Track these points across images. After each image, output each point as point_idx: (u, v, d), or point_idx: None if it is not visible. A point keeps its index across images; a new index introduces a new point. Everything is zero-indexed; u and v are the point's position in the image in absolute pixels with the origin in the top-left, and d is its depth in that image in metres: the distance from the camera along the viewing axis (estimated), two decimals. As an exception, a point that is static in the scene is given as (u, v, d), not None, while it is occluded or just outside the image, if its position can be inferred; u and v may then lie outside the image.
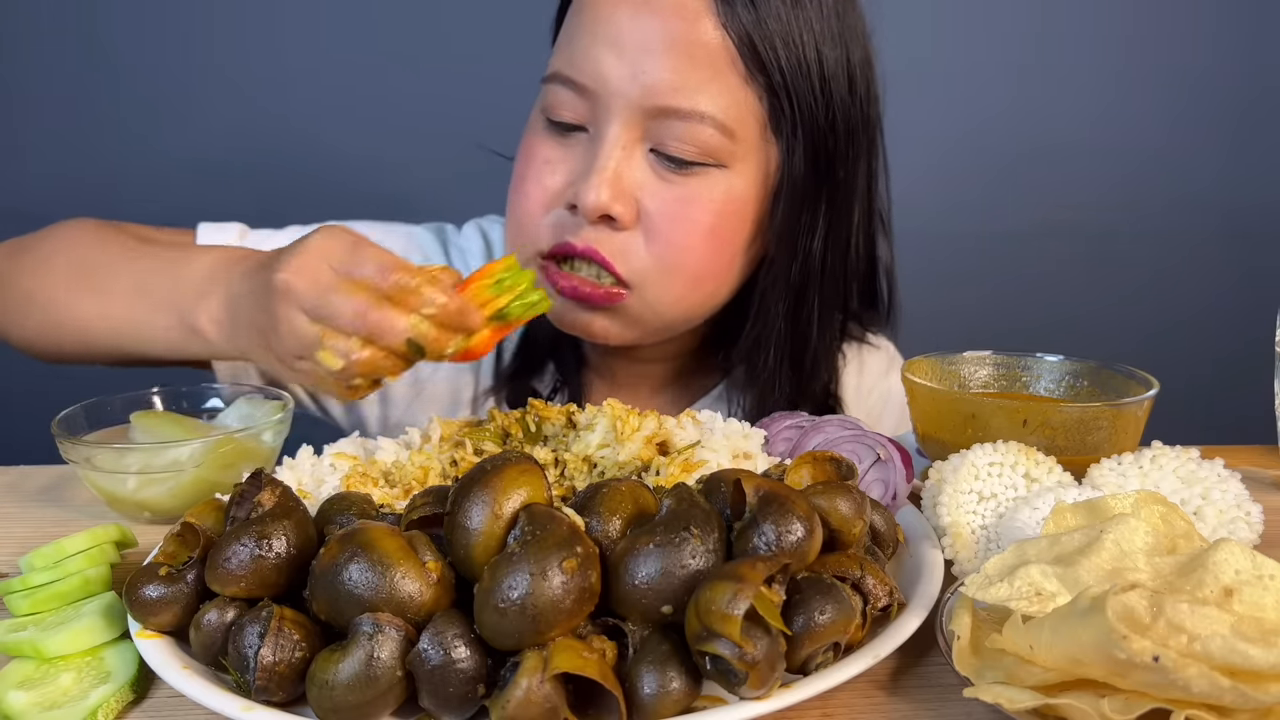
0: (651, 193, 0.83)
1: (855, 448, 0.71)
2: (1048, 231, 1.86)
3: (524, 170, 0.87)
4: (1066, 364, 0.82)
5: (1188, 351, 1.84)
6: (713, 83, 0.81)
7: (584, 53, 0.82)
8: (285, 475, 0.69)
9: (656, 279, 0.85)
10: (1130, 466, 0.66)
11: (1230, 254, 1.90)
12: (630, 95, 0.81)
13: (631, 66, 0.80)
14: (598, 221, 0.83)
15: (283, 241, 0.98)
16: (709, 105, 0.81)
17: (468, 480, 0.49)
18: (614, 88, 0.81)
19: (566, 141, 0.86)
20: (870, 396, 1.07)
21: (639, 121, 0.82)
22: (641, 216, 0.84)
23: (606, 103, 0.82)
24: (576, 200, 0.82)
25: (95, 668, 0.53)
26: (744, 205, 0.86)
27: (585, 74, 0.82)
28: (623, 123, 0.82)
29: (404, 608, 0.46)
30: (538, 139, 0.87)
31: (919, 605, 0.54)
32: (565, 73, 0.84)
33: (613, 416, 0.69)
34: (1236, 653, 0.41)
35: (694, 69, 0.81)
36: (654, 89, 0.80)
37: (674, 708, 0.45)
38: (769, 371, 0.93)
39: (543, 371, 1.01)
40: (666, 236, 0.84)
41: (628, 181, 0.82)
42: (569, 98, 0.84)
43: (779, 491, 0.50)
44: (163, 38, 1.61)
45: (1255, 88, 1.84)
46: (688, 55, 0.80)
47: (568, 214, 0.84)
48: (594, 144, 0.83)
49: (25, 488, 0.82)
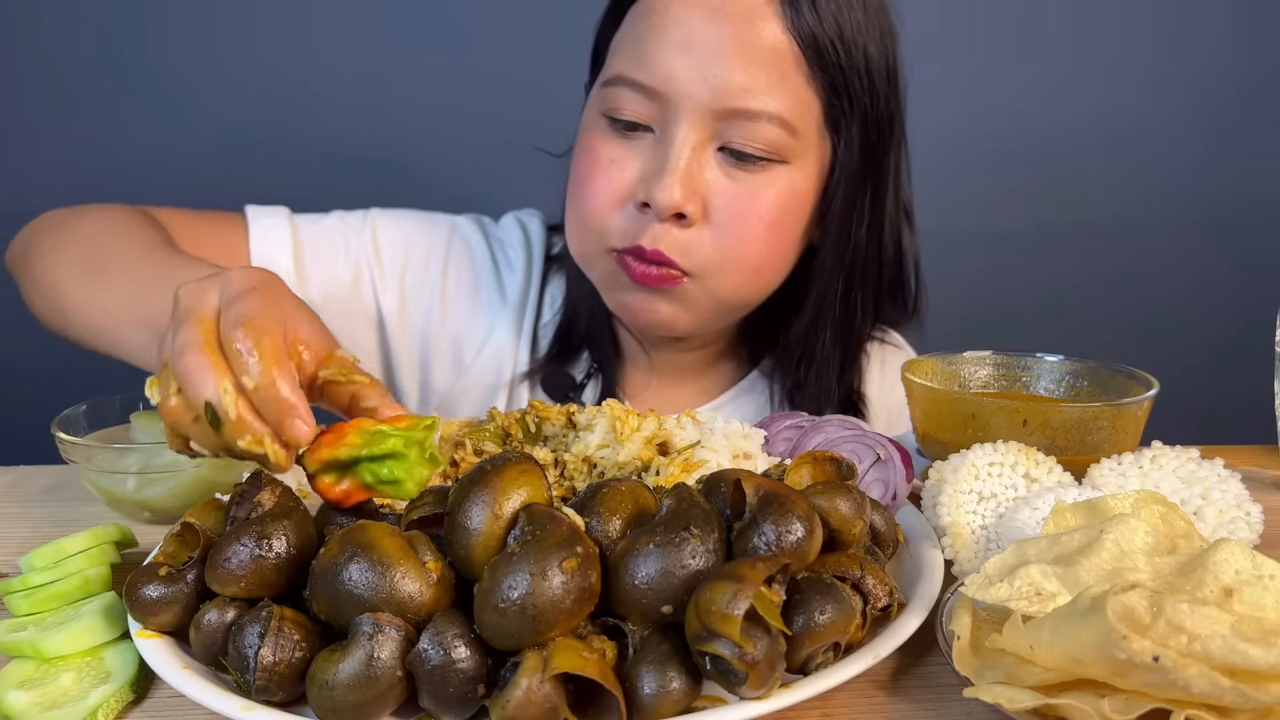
0: (719, 190, 0.87)
1: (855, 448, 0.71)
2: (1048, 231, 1.86)
3: (589, 168, 0.90)
4: (1066, 364, 0.82)
5: (1189, 352, 1.84)
6: (779, 84, 0.85)
7: (654, 56, 0.85)
8: (285, 475, 0.69)
9: (718, 270, 0.89)
10: (1130, 466, 0.66)
11: (1231, 254, 1.90)
12: (701, 97, 0.84)
13: (702, 70, 0.84)
14: (668, 219, 0.86)
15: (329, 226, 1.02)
16: (775, 105, 0.85)
17: (468, 480, 0.49)
18: (685, 90, 0.84)
19: (631, 141, 0.89)
20: (893, 395, 1.08)
21: (708, 122, 0.85)
22: (708, 212, 0.87)
23: (676, 104, 0.85)
24: (650, 199, 0.85)
25: (95, 668, 0.53)
26: (803, 199, 0.91)
27: (656, 77, 0.85)
28: (692, 123, 0.85)
29: (404, 608, 0.46)
30: (601, 138, 0.90)
31: (919, 605, 0.54)
32: (633, 75, 0.86)
33: (612, 417, 0.69)
34: (1236, 653, 0.41)
35: (761, 71, 0.84)
36: (724, 91, 0.84)
37: (674, 708, 0.45)
38: (823, 355, 0.99)
39: (578, 358, 1.05)
40: (732, 231, 0.88)
41: (697, 180, 0.86)
42: (635, 99, 0.86)
43: (779, 491, 0.50)
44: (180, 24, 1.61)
45: (1259, 87, 1.83)
46: (756, 58, 0.84)
47: (636, 211, 0.88)
48: (662, 144, 0.86)
49: (25, 488, 0.82)
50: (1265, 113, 1.85)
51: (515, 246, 1.08)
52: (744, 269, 0.90)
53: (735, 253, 0.89)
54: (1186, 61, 1.80)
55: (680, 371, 1.06)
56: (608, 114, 0.89)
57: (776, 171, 0.88)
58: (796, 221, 0.92)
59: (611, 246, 0.90)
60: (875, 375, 1.08)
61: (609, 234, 0.89)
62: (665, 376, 1.06)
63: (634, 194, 0.87)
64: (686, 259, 0.88)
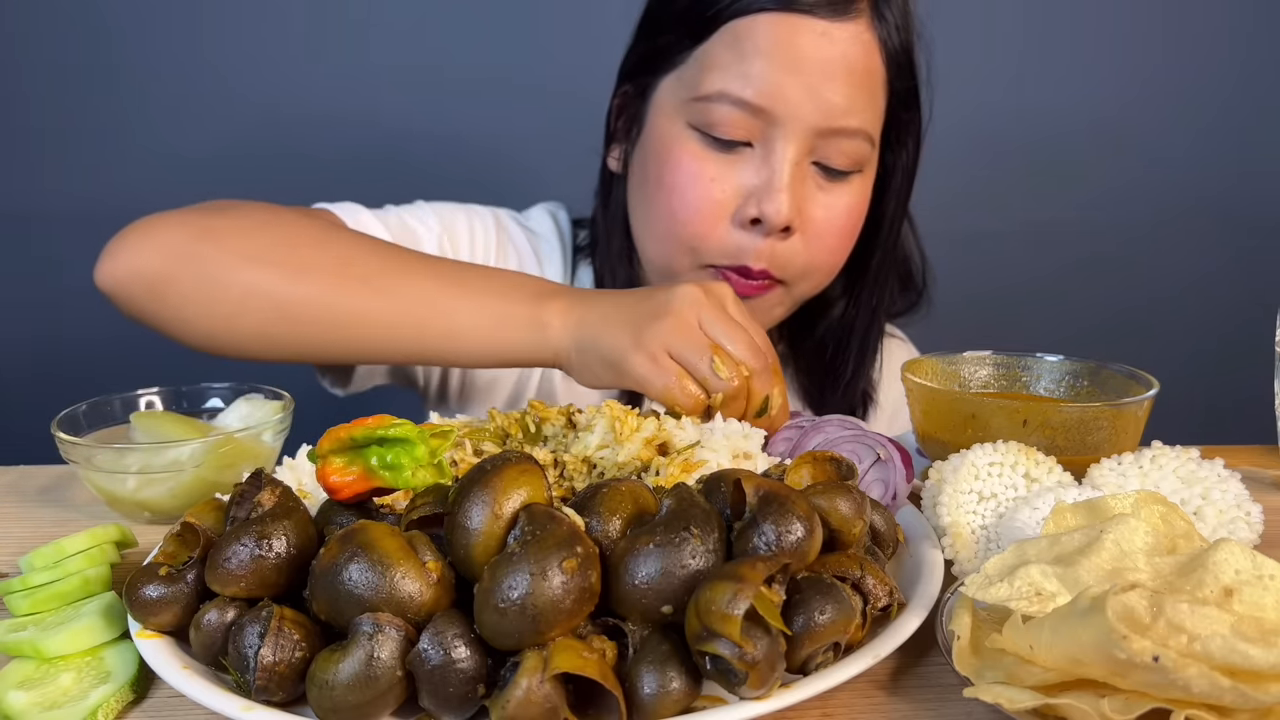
0: (813, 202, 0.92)
1: (855, 448, 0.71)
2: (1048, 231, 1.86)
3: (684, 184, 0.92)
4: (1066, 364, 0.82)
5: (1189, 352, 1.84)
6: (871, 103, 0.91)
7: (762, 77, 0.88)
8: (285, 475, 0.69)
9: (804, 276, 0.96)
10: (1130, 466, 0.66)
11: (1231, 254, 1.90)
12: (807, 117, 0.88)
13: (811, 92, 0.87)
14: (775, 234, 0.90)
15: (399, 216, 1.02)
16: (866, 122, 0.91)
17: (468, 480, 0.49)
18: (793, 111, 0.88)
19: (729, 156, 0.91)
20: (895, 385, 1.11)
21: (809, 139, 0.89)
22: (804, 223, 0.92)
23: (783, 123, 0.88)
24: (762, 214, 0.89)
25: (95, 668, 0.53)
26: (867, 203, 0.98)
27: (764, 95, 0.88)
28: (797, 141, 0.89)
29: (404, 608, 0.46)
30: (695, 152, 0.92)
31: (919, 605, 0.54)
32: (736, 93, 0.88)
33: (611, 417, 0.69)
34: (1236, 653, 0.41)
35: (860, 92, 0.90)
36: (830, 112, 0.88)
37: (674, 708, 0.45)
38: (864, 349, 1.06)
39: None
40: (823, 240, 0.94)
41: (799, 194, 0.90)
42: (737, 116, 0.89)
43: (779, 491, 0.50)
44: (170, 30, 1.61)
45: (1259, 87, 1.83)
46: (858, 81, 0.89)
47: (738, 228, 0.91)
48: (768, 160, 0.90)
49: (25, 488, 0.82)
50: (1266, 109, 1.85)
51: (550, 240, 1.11)
52: (825, 273, 0.97)
53: (821, 259, 0.95)
54: (1186, 57, 1.80)
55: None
56: (702, 128, 0.91)
57: (855, 181, 0.94)
58: (861, 223, 0.98)
59: (708, 263, 0.93)
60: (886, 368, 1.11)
61: (707, 251, 0.92)
62: None
63: (740, 209, 0.91)
64: (783, 270, 0.93)
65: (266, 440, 0.76)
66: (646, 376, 0.75)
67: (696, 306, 0.76)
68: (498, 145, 1.59)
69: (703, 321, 0.76)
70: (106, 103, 1.62)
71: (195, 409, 0.83)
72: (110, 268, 0.82)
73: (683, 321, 0.75)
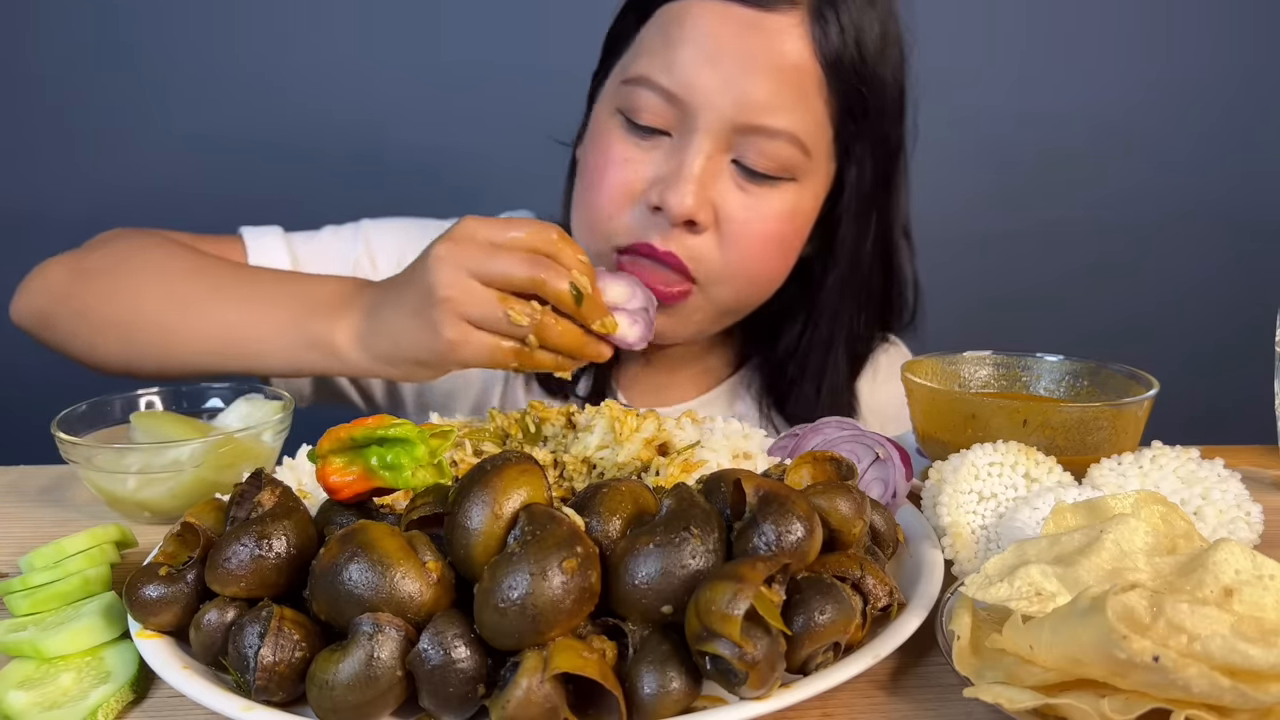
0: (730, 201, 0.87)
1: (854, 448, 0.71)
2: (1048, 232, 1.86)
3: (602, 166, 0.90)
4: (1066, 364, 0.82)
5: (1188, 352, 1.84)
6: (799, 104, 0.86)
7: (682, 64, 0.85)
8: (285, 475, 0.69)
9: (721, 280, 0.90)
10: (1130, 466, 0.66)
11: (1231, 254, 1.90)
12: (723, 110, 0.84)
13: (728, 84, 0.84)
14: (680, 225, 0.87)
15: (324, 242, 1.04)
16: (792, 124, 0.86)
17: (468, 480, 0.49)
18: (707, 101, 0.84)
19: (647, 143, 0.89)
20: (881, 392, 1.09)
21: (726, 134, 0.86)
22: (718, 221, 0.88)
23: (698, 113, 0.85)
24: (663, 203, 0.86)
25: (95, 668, 0.53)
26: (806, 216, 0.93)
27: (680, 84, 0.85)
28: (711, 134, 0.85)
29: (404, 608, 0.46)
30: (616, 136, 0.90)
31: (919, 605, 0.54)
32: (657, 79, 0.86)
33: (611, 418, 0.69)
34: (1236, 653, 0.41)
35: (785, 90, 0.85)
36: (747, 107, 0.84)
37: (674, 708, 0.45)
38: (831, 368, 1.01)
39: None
40: (739, 244, 0.88)
41: (710, 189, 0.87)
42: (656, 103, 0.87)
43: (779, 491, 0.50)
44: (176, 29, 1.62)
45: (1259, 88, 1.83)
46: (782, 77, 0.85)
47: (647, 213, 0.88)
48: (680, 150, 0.86)
49: (25, 488, 0.82)
50: (1265, 110, 1.85)
51: None
52: (745, 279, 0.92)
53: (739, 264, 0.89)
54: (1186, 59, 1.80)
55: (672, 364, 1.07)
56: (625, 113, 0.89)
57: (786, 188, 0.89)
58: (798, 237, 0.93)
59: (616, 245, 0.90)
60: (866, 374, 1.08)
61: (615, 233, 0.89)
62: (658, 368, 1.06)
63: (646, 195, 0.87)
64: (696, 266, 0.88)
65: (266, 440, 0.76)
66: (468, 359, 0.76)
67: (455, 264, 0.74)
68: (499, 145, 1.59)
69: (472, 273, 0.74)
70: (107, 105, 1.62)
71: (195, 409, 0.83)
72: (13, 308, 0.93)
73: (458, 287, 0.74)
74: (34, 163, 1.62)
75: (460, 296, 0.74)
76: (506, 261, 0.74)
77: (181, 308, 0.86)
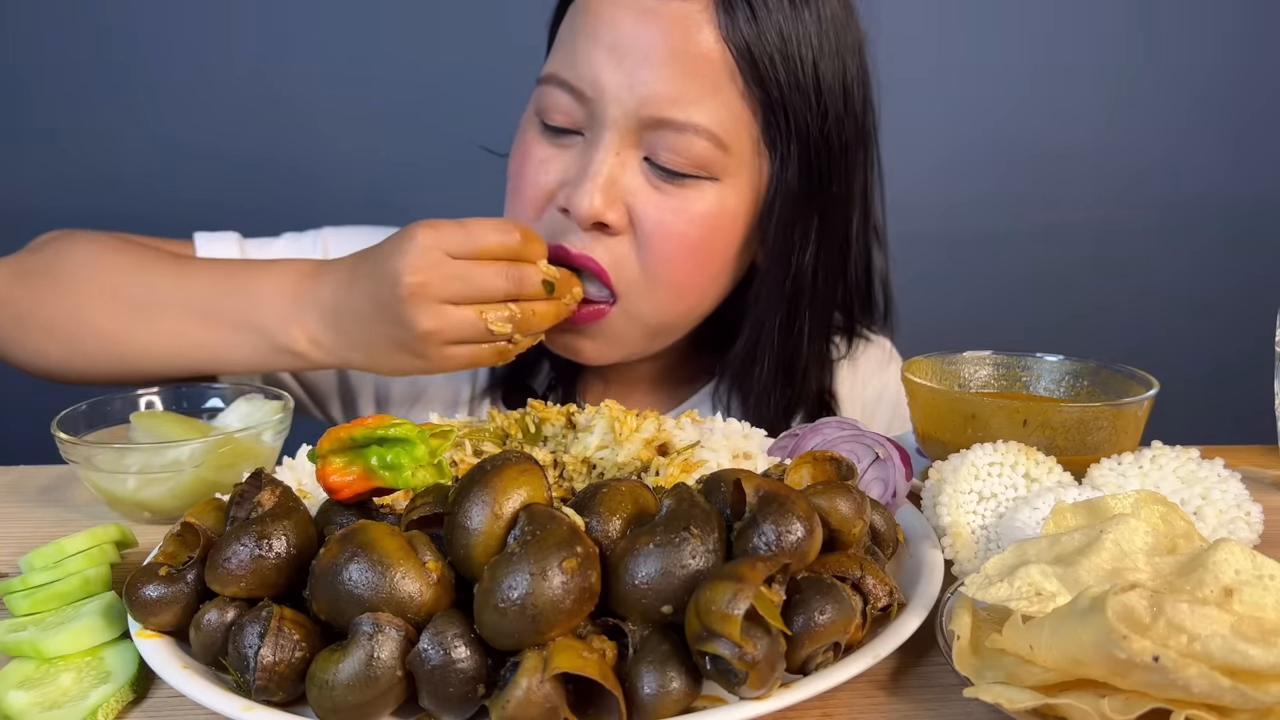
0: (644, 200, 0.83)
1: (854, 447, 0.71)
2: (1048, 232, 1.86)
3: (519, 169, 0.88)
4: (1066, 364, 0.82)
5: (1188, 351, 1.84)
6: (709, 96, 0.81)
7: (583, 58, 0.82)
8: (285, 475, 0.69)
9: (642, 289, 0.85)
10: (1130, 466, 0.66)
11: (1231, 254, 1.90)
12: (626, 104, 0.81)
13: (629, 76, 0.80)
14: (591, 228, 0.83)
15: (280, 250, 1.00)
16: (704, 118, 0.81)
17: (468, 480, 0.49)
18: (611, 95, 0.81)
19: (560, 143, 0.86)
20: (865, 391, 1.06)
21: (634, 130, 0.82)
22: (634, 224, 0.84)
23: (602, 110, 0.82)
24: (569, 205, 0.83)
25: (95, 668, 0.53)
26: (734, 218, 0.86)
27: (583, 80, 0.82)
28: (618, 130, 0.82)
29: (404, 608, 0.46)
30: (532, 139, 0.87)
31: (919, 605, 0.54)
32: (562, 75, 0.83)
33: (610, 418, 0.69)
34: (1236, 653, 0.41)
35: (692, 81, 0.80)
36: (650, 100, 0.80)
37: (674, 708, 0.45)
38: (763, 382, 0.94)
39: (539, 371, 1.02)
40: (656, 247, 0.84)
41: (620, 188, 0.83)
42: (564, 101, 0.83)
43: (779, 491, 0.50)
44: (163, 33, 1.62)
45: (1257, 88, 1.83)
46: (686, 67, 0.80)
47: (560, 216, 0.85)
48: (588, 149, 0.83)
49: (25, 488, 0.82)
50: (1264, 111, 1.85)
51: None
52: (669, 288, 0.86)
53: (659, 271, 0.84)
54: (1185, 60, 1.80)
55: (634, 382, 1.03)
56: (540, 114, 0.86)
57: (705, 188, 0.83)
58: (726, 241, 0.87)
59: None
60: (846, 373, 1.04)
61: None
62: (623, 386, 1.02)
63: (555, 198, 0.85)
64: (617, 275, 0.84)
65: (266, 440, 0.76)
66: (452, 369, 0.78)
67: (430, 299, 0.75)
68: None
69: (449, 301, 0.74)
70: (106, 105, 1.62)
71: (195, 409, 0.83)
72: None
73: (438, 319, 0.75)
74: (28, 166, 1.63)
75: (443, 328, 0.76)
76: (481, 281, 0.74)
77: (128, 313, 0.84)
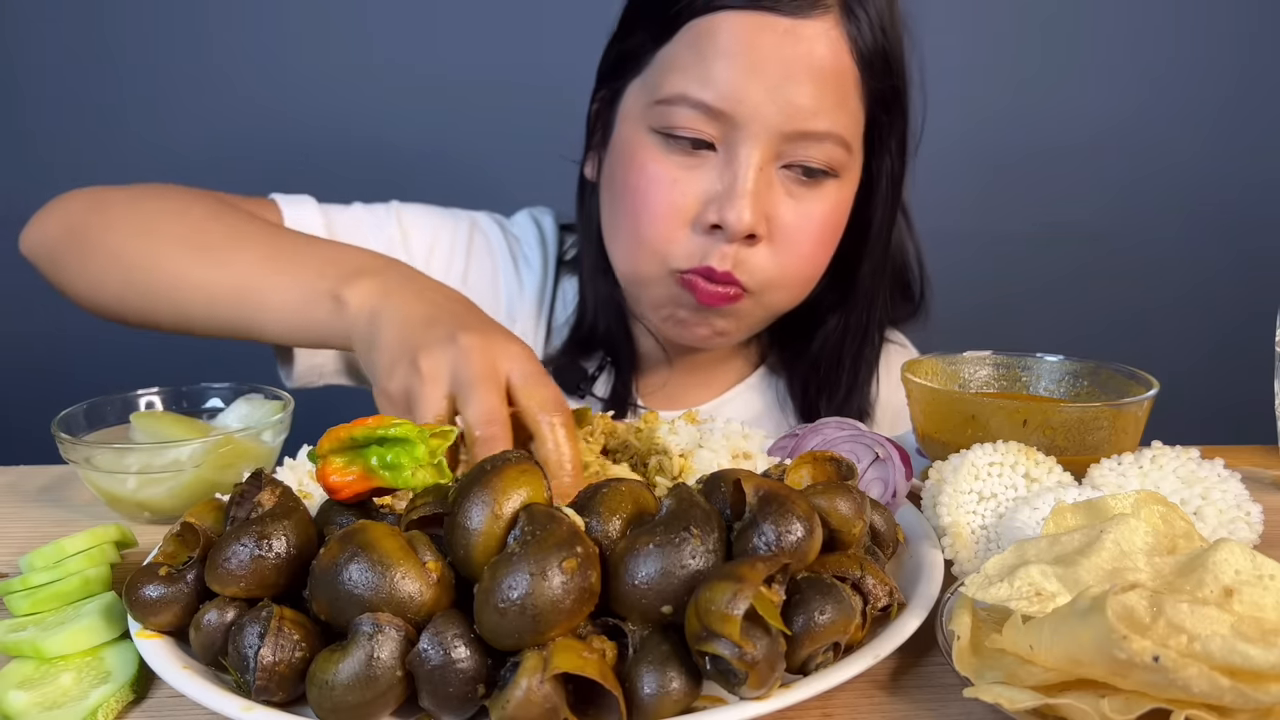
0: (783, 209, 0.88)
1: (854, 448, 0.71)
2: (1047, 232, 1.86)
3: (645, 188, 0.89)
4: (1066, 364, 0.82)
5: (1188, 351, 1.84)
6: (841, 104, 0.87)
7: (722, 78, 0.84)
8: (285, 475, 0.69)
9: (776, 285, 0.91)
10: (1130, 466, 0.66)
11: (1231, 254, 1.90)
12: (770, 120, 0.85)
13: (772, 93, 0.84)
14: (739, 240, 0.87)
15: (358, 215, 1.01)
16: (837, 125, 0.87)
17: (468, 480, 0.49)
18: (755, 113, 0.84)
19: (692, 160, 0.88)
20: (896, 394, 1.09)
21: (774, 143, 0.86)
22: (771, 230, 0.88)
23: (745, 126, 0.85)
24: (722, 221, 0.86)
25: (95, 668, 0.53)
26: (845, 211, 0.94)
27: (724, 98, 0.84)
28: (760, 145, 0.85)
29: (404, 608, 0.46)
30: (657, 157, 0.89)
31: (919, 605, 0.54)
32: (698, 96, 0.85)
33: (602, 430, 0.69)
34: (1236, 653, 0.41)
35: (828, 93, 0.86)
36: (795, 115, 0.85)
37: (674, 708, 0.45)
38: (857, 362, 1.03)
39: (593, 355, 1.05)
40: (793, 248, 0.90)
41: (764, 200, 0.87)
42: (698, 119, 0.86)
43: (779, 491, 0.50)
44: (165, 30, 1.62)
45: (1258, 87, 1.83)
46: (823, 80, 0.85)
47: (703, 233, 0.88)
48: (730, 165, 0.86)
49: (25, 488, 0.82)
50: (1265, 110, 1.85)
51: (531, 244, 1.08)
52: (799, 282, 0.93)
53: (794, 268, 0.91)
54: (1187, 58, 1.80)
55: (694, 369, 1.07)
56: (664, 131, 0.88)
57: (829, 186, 0.90)
58: (839, 232, 0.94)
59: (675, 268, 0.89)
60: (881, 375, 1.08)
61: (673, 256, 0.89)
62: (682, 374, 1.06)
63: (701, 215, 0.87)
64: (750, 277, 0.89)
65: (266, 440, 0.76)
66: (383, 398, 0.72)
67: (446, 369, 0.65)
68: (497, 147, 1.59)
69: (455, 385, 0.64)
70: (105, 104, 1.62)
71: (195, 409, 0.83)
72: (25, 236, 0.90)
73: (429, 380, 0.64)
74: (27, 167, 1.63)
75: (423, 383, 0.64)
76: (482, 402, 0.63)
77: (200, 252, 0.83)
